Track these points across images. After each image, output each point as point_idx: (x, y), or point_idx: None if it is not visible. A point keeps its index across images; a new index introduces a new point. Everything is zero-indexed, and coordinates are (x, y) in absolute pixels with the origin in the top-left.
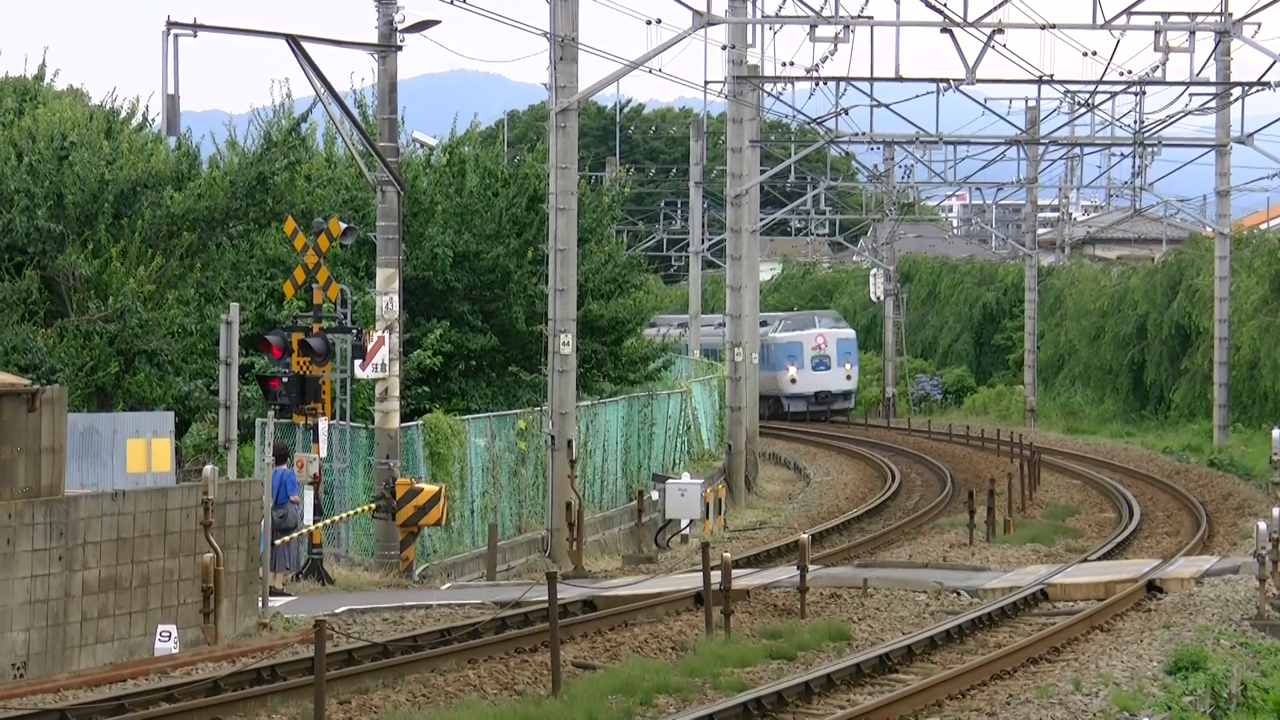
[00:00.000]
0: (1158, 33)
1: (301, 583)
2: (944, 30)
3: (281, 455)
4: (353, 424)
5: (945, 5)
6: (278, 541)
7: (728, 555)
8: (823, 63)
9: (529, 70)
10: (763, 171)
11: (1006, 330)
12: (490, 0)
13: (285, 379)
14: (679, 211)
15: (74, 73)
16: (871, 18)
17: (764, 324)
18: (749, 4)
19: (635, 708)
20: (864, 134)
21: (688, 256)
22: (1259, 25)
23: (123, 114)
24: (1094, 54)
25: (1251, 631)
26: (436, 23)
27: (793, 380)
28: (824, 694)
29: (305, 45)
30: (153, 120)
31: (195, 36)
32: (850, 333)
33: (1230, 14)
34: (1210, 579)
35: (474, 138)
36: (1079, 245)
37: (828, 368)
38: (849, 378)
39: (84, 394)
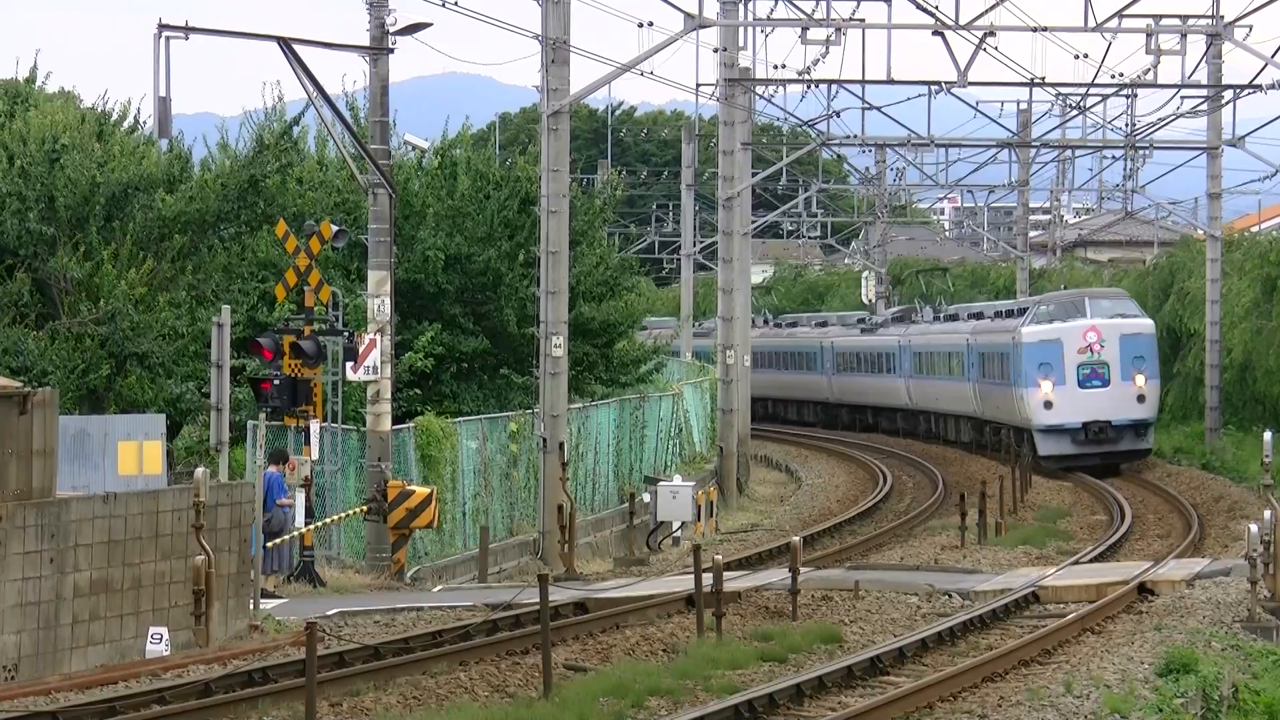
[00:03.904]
0: (1149, 36)
1: (293, 585)
2: (936, 33)
3: (279, 459)
4: (344, 427)
5: (937, 8)
6: (268, 545)
7: (719, 558)
8: (814, 65)
9: (520, 73)
10: (754, 174)
11: None
12: (481, 3)
13: (277, 381)
14: (670, 214)
15: (65, 75)
16: (863, 20)
17: (1014, 314)
18: (740, 7)
19: (626, 710)
20: (855, 137)
21: (679, 259)
22: (1250, 28)
23: (114, 117)
24: (1085, 57)
25: (1243, 634)
26: (428, 25)
27: (1047, 404)
28: (815, 696)
29: (297, 48)
30: (144, 123)
31: (187, 39)
32: (1146, 324)
33: (1222, 17)
34: (1201, 581)
35: (465, 140)
36: (1070, 248)
37: (1105, 382)
38: (1142, 399)
39: (75, 396)
